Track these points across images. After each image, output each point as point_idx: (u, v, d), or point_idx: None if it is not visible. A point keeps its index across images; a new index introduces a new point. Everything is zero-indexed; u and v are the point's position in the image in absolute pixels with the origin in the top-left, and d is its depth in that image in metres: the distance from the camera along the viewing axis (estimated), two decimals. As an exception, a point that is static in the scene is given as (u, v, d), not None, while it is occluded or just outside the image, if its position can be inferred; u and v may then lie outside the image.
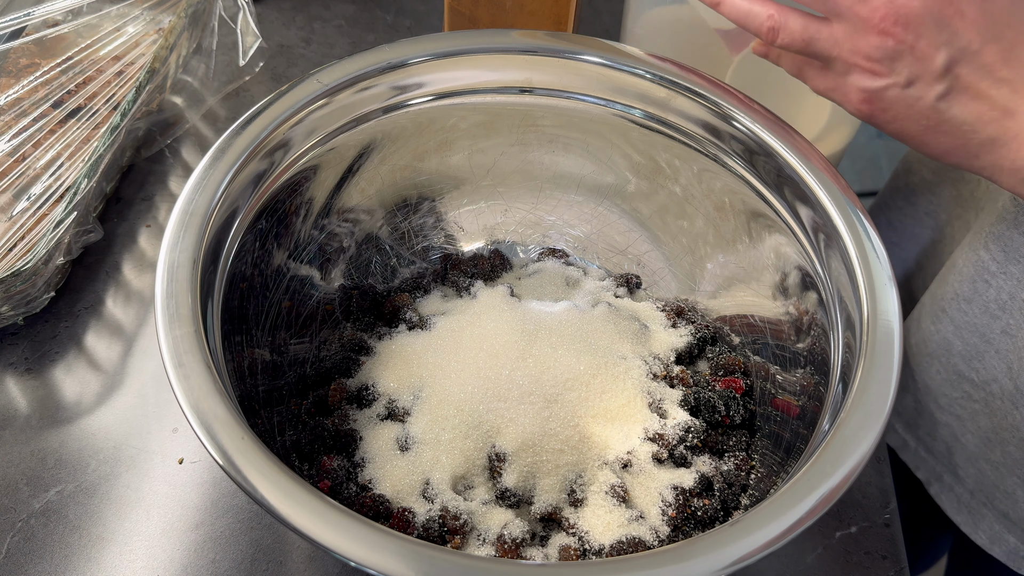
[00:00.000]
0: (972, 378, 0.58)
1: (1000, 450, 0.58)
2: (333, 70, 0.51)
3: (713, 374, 0.53)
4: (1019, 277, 0.53)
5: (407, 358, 0.50)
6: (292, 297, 0.52)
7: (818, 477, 0.37)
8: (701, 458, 0.48)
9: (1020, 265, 0.53)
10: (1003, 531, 0.62)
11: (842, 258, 0.46)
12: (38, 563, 0.49)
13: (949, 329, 0.58)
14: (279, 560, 0.49)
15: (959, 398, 0.60)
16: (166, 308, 0.40)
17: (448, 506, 0.44)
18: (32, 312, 0.57)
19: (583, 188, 0.59)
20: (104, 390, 0.56)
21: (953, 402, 0.60)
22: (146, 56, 0.67)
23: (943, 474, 0.65)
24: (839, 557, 0.52)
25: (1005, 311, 0.54)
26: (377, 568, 0.34)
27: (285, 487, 0.35)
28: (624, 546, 0.44)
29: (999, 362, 0.55)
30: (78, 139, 0.62)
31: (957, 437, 0.62)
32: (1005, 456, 0.58)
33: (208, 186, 0.45)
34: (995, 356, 0.56)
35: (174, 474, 0.52)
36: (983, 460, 0.60)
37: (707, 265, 0.56)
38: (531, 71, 0.54)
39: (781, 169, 0.50)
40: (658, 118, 0.54)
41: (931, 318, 0.60)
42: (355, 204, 0.56)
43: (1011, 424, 0.56)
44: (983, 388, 0.57)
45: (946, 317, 0.58)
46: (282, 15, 0.81)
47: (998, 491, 0.60)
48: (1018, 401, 0.55)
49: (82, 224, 0.58)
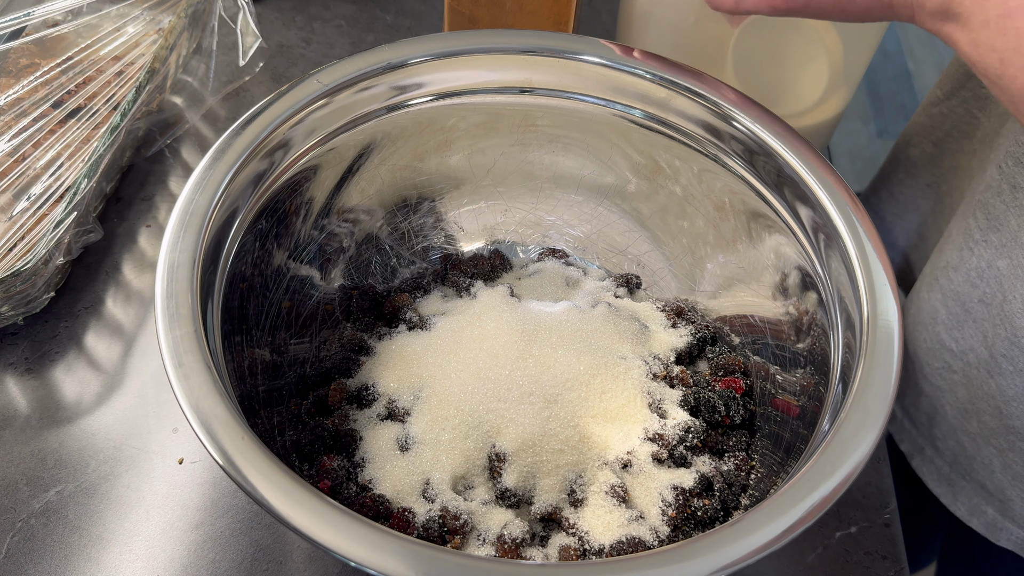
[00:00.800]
0: (952, 347, 0.59)
1: (976, 420, 0.59)
2: (333, 70, 0.51)
3: (713, 374, 0.53)
4: (998, 245, 0.53)
5: (407, 358, 0.50)
6: (292, 297, 0.52)
7: (818, 477, 0.37)
8: (701, 458, 0.48)
9: (999, 233, 0.53)
10: (981, 503, 0.63)
11: (842, 258, 0.46)
12: (38, 563, 0.49)
13: (937, 297, 0.59)
14: (279, 560, 0.49)
15: (940, 368, 0.60)
16: (166, 308, 0.40)
17: (448, 506, 0.44)
18: (32, 312, 0.57)
19: (583, 188, 0.59)
20: (104, 390, 0.56)
21: (935, 372, 0.61)
22: (146, 56, 0.67)
23: (924, 447, 0.66)
24: (839, 557, 0.52)
25: (983, 279, 0.55)
26: (377, 568, 0.34)
27: (285, 487, 0.35)
28: (624, 546, 0.44)
29: (975, 331, 0.56)
30: (78, 139, 0.62)
31: (937, 408, 0.62)
32: (981, 426, 0.59)
33: (208, 186, 0.45)
34: (972, 325, 0.56)
35: (174, 474, 0.52)
36: (961, 432, 0.61)
37: (707, 265, 0.56)
38: (531, 71, 0.54)
39: (781, 169, 0.50)
40: (658, 118, 0.54)
41: (927, 287, 0.61)
42: (355, 204, 0.56)
43: (987, 393, 0.57)
44: (961, 358, 0.58)
45: (937, 286, 0.59)
46: (282, 15, 0.81)
47: (976, 462, 0.61)
48: (993, 370, 0.55)
49: (82, 224, 0.58)
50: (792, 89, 0.64)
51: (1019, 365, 0.54)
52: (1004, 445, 0.58)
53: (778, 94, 0.64)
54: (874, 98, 1.94)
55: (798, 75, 0.64)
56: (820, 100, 0.66)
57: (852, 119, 1.89)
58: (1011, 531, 0.62)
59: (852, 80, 0.65)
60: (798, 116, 0.66)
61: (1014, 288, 0.53)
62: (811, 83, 0.64)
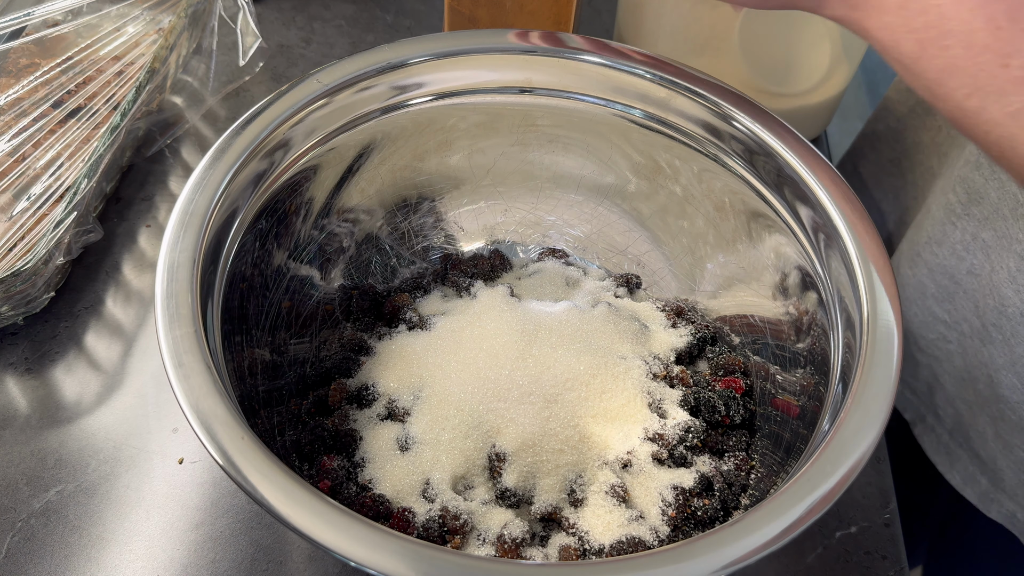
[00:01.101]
0: (944, 319, 0.60)
1: (972, 389, 0.60)
2: (333, 70, 0.51)
3: (713, 374, 0.53)
4: (980, 218, 0.55)
5: (407, 358, 0.50)
6: (292, 297, 0.52)
7: (818, 477, 0.37)
8: (701, 458, 0.48)
9: (980, 206, 0.54)
10: (976, 472, 0.63)
11: (842, 258, 0.46)
12: (38, 563, 0.49)
13: (923, 272, 0.60)
14: (279, 560, 0.49)
15: (935, 339, 0.62)
16: (166, 308, 0.40)
17: (448, 506, 0.44)
18: (32, 312, 0.57)
19: (583, 188, 0.59)
20: (104, 390, 0.56)
21: (930, 343, 0.62)
22: (146, 56, 0.67)
23: (926, 415, 0.67)
24: (839, 557, 0.52)
25: (969, 252, 0.56)
26: (377, 568, 0.34)
27: (285, 487, 0.35)
28: (624, 546, 0.44)
29: (967, 301, 0.57)
30: (78, 139, 0.62)
31: (937, 377, 0.63)
32: (976, 395, 0.60)
33: (208, 186, 0.45)
34: (963, 296, 0.57)
35: (174, 474, 0.52)
36: (959, 400, 0.62)
37: (707, 265, 0.56)
38: (531, 71, 0.54)
39: (781, 169, 0.50)
40: (658, 118, 0.54)
41: (908, 263, 0.62)
42: (355, 204, 0.56)
43: (980, 362, 0.58)
44: (955, 328, 0.59)
45: (920, 261, 0.60)
46: (282, 15, 0.81)
47: (972, 431, 0.62)
48: (985, 338, 0.56)
49: (82, 224, 0.58)
50: (797, 68, 0.66)
51: (1007, 334, 0.55)
52: (996, 413, 0.59)
53: (784, 73, 0.66)
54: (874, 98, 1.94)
55: (802, 54, 0.65)
56: (824, 78, 0.66)
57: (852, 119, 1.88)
58: (1002, 503, 0.63)
59: (853, 59, 0.66)
60: (804, 94, 0.67)
61: (1000, 259, 0.54)
62: (815, 62, 0.65)
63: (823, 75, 0.66)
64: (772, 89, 0.66)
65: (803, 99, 0.68)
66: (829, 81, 0.67)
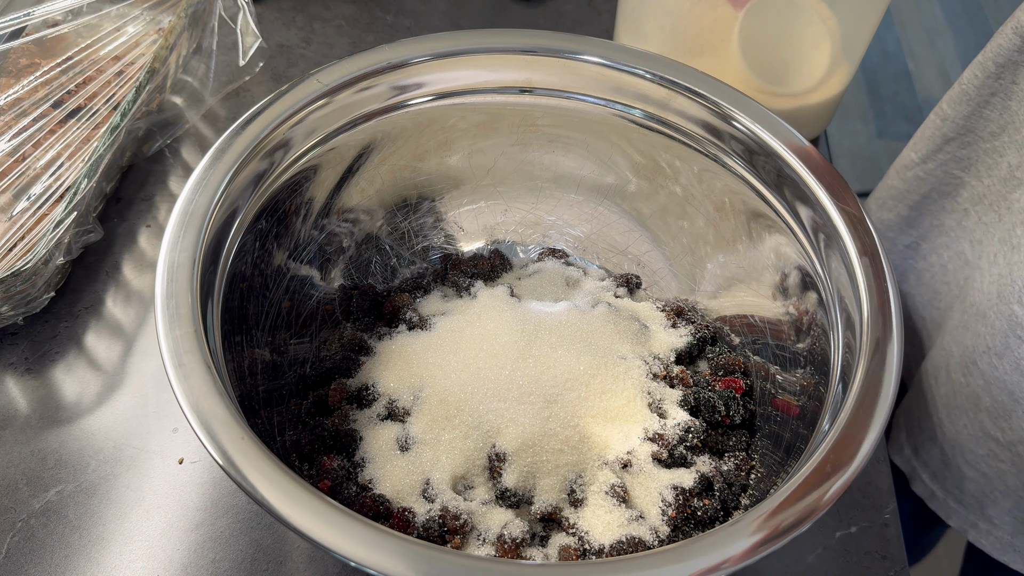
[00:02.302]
0: (998, 437, 0.56)
1: None
2: (333, 70, 0.51)
3: (713, 374, 0.53)
4: None
5: (407, 358, 0.50)
6: (292, 297, 0.52)
7: (818, 477, 0.37)
8: (701, 458, 0.48)
9: None
10: None
11: (842, 258, 0.46)
12: (38, 563, 0.49)
13: (979, 383, 0.56)
14: (279, 560, 0.49)
15: (985, 456, 0.58)
16: (166, 308, 0.40)
17: (448, 506, 0.44)
18: (32, 312, 0.57)
19: (583, 188, 0.59)
20: (104, 390, 0.56)
21: (979, 459, 0.59)
22: (146, 56, 0.67)
23: (978, 522, 0.63)
24: (839, 557, 0.52)
25: None
26: (377, 568, 0.34)
27: (285, 487, 0.35)
28: (624, 546, 0.44)
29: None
30: (78, 139, 0.62)
31: (986, 494, 0.60)
32: None
33: (208, 186, 0.45)
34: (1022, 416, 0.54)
35: (174, 474, 0.52)
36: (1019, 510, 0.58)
37: (707, 265, 0.56)
38: (531, 71, 0.54)
39: (781, 169, 0.50)
40: (658, 118, 0.54)
41: (962, 370, 0.58)
42: (355, 204, 0.56)
43: None
44: (1009, 448, 0.56)
45: (976, 370, 0.56)
46: (282, 15, 0.81)
47: None
48: None
49: (82, 224, 0.58)
50: (797, 68, 0.65)
51: None
52: None
53: (783, 73, 0.65)
54: (874, 98, 1.94)
55: (802, 54, 0.64)
56: (824, 78, 0.66)
57: (852, 119, 1.88)
58: None
59: (853, 59, 0.66)
60: (804, 94, 0.67)
61: None
62: (815, 62, 0.65)
63: (823, 75, 0.66)
64: (772, 89, 0.66)
65: (803, 99, 0.68)
66: (829, 81, 0.67)
